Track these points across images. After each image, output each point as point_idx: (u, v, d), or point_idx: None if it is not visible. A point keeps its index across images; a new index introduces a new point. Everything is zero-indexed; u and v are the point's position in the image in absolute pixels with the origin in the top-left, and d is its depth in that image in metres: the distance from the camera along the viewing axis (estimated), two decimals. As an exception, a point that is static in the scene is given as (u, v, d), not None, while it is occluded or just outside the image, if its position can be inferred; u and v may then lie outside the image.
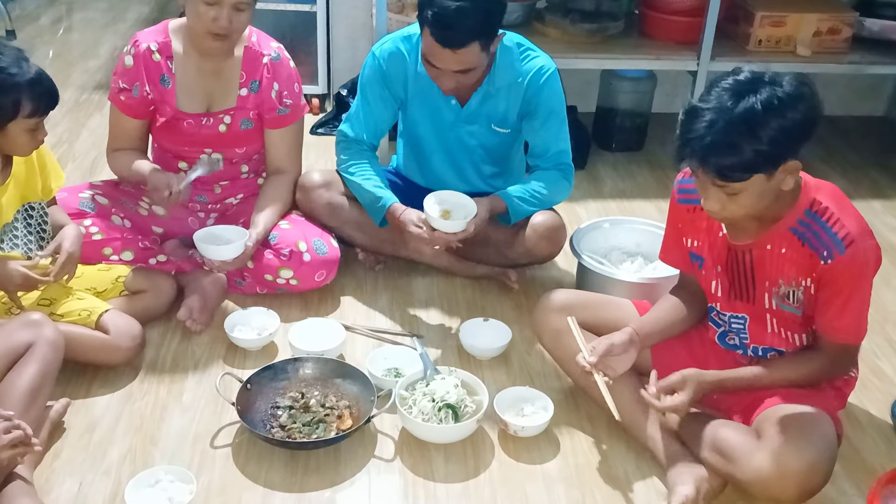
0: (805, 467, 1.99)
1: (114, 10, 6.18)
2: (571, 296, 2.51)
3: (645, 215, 3.42)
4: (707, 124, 1.89)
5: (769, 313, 2.20)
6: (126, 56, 2.80)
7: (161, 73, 2.79)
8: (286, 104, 2.89)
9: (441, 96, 2.83)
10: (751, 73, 1.93)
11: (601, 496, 2.22)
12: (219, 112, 2.85)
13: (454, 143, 2.95)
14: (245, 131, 2.89)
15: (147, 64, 2.78)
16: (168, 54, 2.80)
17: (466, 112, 2.87)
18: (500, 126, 2.90)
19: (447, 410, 2.32)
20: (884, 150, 4.46)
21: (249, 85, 2.85)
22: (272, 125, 2.91)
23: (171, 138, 2.88)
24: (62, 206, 2.68)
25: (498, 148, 2.97)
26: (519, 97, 2.83)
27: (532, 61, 2.82)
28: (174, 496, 2.08)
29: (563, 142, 2.90)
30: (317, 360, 2.51)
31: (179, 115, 2.83)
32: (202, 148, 2.88)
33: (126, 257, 2.79)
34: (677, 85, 4.49)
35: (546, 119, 2.84)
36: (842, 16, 4.07)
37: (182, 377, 2.57)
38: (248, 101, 2.86)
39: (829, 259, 2.01)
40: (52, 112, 2.40)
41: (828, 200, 2.05)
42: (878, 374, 2.72)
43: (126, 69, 2.80)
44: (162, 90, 2.80)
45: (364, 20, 4.35)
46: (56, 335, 2.24)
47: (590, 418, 2.47)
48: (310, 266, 2.84)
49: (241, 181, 3.02)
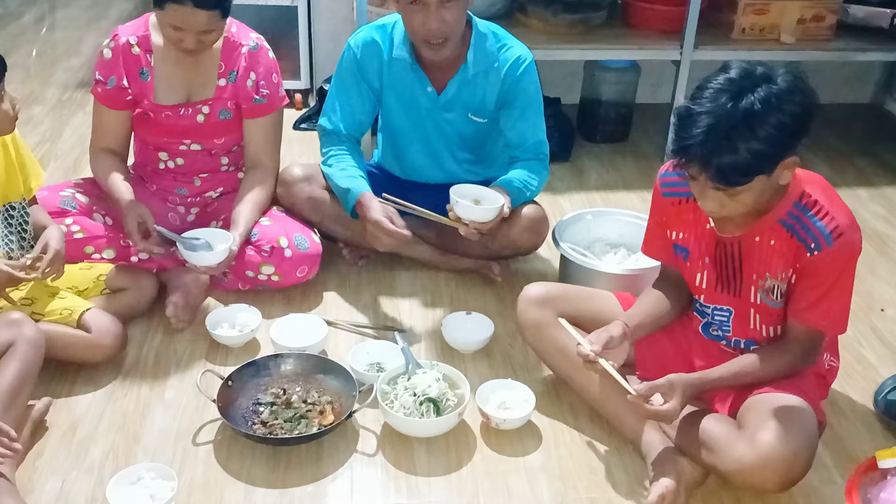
0: (786, 457, 1.99)
1: (96, 6, 6.16)
2: (553, 288, 2.50)
3: (630, 206, 3.42)
4: (706, 129, 1.85)
5: (753, 308, 2.20)
6: (105, 49, 2.81)
7: (140, 66, 2.80)
8: (263, 94, 2.88)
9: (418, 84, 2.83)
10: (742, 70, 1.89)
11: (583, 487, 2.23)
12: (197, 102, 2.85)
13: (431, 130, 2.95)
14: (223, 122, 2.89)
15: (126, 57, 2.79)
16: (147, 48, 2.80)
17: (444, 99, 2.87)
18: (476, 115, 2.89)
19: (429, 404, 2.32)
20: (870, 138, 4.47)
21: (228, 75, 2.85)
22: (249, 115, 2.90)
23: (150, 130, 2.89)
24: (43, 205, 2.67)
25: (474, 136, 2.97)
26: (496, 85, 2.83)
27: (509, 50, 2.82)
28: (156, 493, 2.07)
29: (540, 132, 2.91)
30: (298, 356, 2.51)
31: (157, 107, 2.83)
32: (181, 139, 2.89)
33: (108, 255, 2.78)
34: (661, 75, 4.49)
35: (524, 110, 2.85)
36: (826, 2, 4.06)
37: (164, 375, 2.56)
38: (226, 92, 2.86)
39: (815, 251, 2.01)
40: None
41: (817, 193, 2.04)
42: (861, 363, 2.73)
43: (105, 62, 2.81)
44: (141, 83, 2.81)
45: (345, 14, 4.34)
46: (36, 334, 2.24)
47: (572, 410, 2.47)
48: (291, 262, 2.84)
49: (222, 174, 3.02)
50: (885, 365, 2.72)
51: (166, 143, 2.91)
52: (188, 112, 2.85)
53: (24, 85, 4.64)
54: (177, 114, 2.84)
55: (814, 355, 2.21)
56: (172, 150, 2.92)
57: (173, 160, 2.96)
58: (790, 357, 2.16)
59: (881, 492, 1.99)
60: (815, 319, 2.11)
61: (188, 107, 2.85)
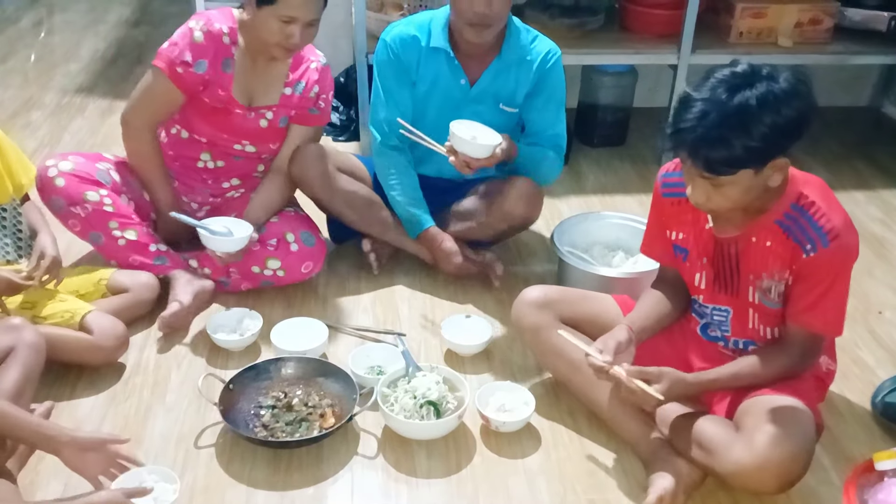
0: (783, 458, 2.00)
1: (94, 11, 6.18)
2: (551, 291, 2.50)
3: (627, 210, 3.43)
4: (699, 115, 1.89)
5: (751, 307, 2.21)
6: (196, 31, 2.72)
7: (226, 56, 2.77)
8: (320, 107, 2.94)
9: (451, 77, 2.91)
10: (749, 66, 1.92)
11: (582, 489, 2.24)
12: (261, 107, 2.86)
13: None
14: (282, 129, 2.94)
15: (217, 45, 2.75)
16: (235, 40, 2.78)
17: (476, 91, 2.93)
18: (507, 105, 2.96)
19: (429, 407, 2.33)
20: (867, 141, 4.48)
21: (294, 86, 2.88)
22: (298, 121, 2.93)
23: (214, 124, 2.85)
24: (79, 172, 2.72)
25: (503, 128, 2.96)
26: (529, 76, 2.92)
27: (542, 43, 2.94)
28: (159, 496, 2.07)
29: (560, 125, 2.99)
30: (299, 359, 2.52)
31: (233, 102, 2.82)
32: (241, 138, 2.89)
33: (129, 236, 2.78)
34: (659, 79, 4.49)
35: (548, 100, 2.94)
36: (823, 6, 4.07)
37: (166, 378, 2.57)
38: (292, 101, 2.89)
39: (811, 252, 2.02)
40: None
41: (815, 195, 2.05)
42: (859, 364, 2.74)
43: (196, 44, 2.72)
44: (222, 74, 2.77)
45: (343, 19, 4.35)
46: (37, 338, 2.25)
47: (571, 413, 2.49)
48: (297, 256, 2.86)
49: (252, 179, 3.04)
50: (882, 367, 2.73)
51: (226, 140, 2.89)
52: (252, 116, 2.86)
53: (23, 90, 4.66)
54: (245, 114, 2.84)
55: (812, 358, 2.22)
56: (220, 150, 2.92)
57: (214, 161, 2.95)
58: (788, 359, 2.17)
59: (878, 493, 2.00)
60: (812, 322, 2.12)
61: (253, 111, 2.85)
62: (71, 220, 2.76)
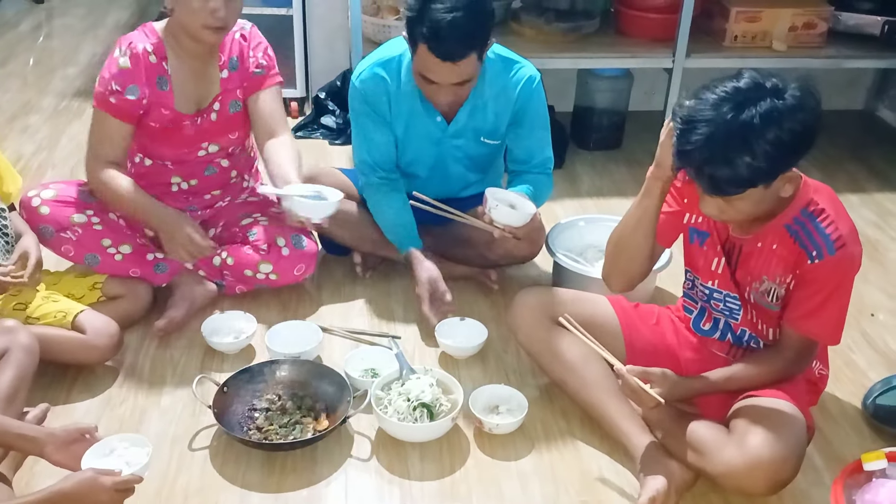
0: (774, 460, 2.01)
1: (93, 15, 6.19)
2: (546, 293, 2.52)
3: (622, 213, 3.40)
4: (704, 137, 1.85)
5: (749, 305, 2.23)
6: (121, 58, 2.65)
7: (158, 74, 2.69)
8: (262, 65, 2.83)
9: (426, 114, 2.83)
10: (752, 80, 1.87)
11: (575, 491, 2.25)
12: (209, 104, 2.80)
13: (441, 157, 2.95)
14: (235, 115, 2.84)
15: (146, 66, 2.66)
16: (162, 55, 2.69)
17: (453, 129, 2.86)
18: (489, 138, 2.90)
19: (422, 409, 2.34)
20: (862, 144, 4.49)
21: (228, 65, 2.80)
22: (251, 90, 2.83)
23: (170, 144, 2.80)
24: (60, 197, 2.72)
25: (485, 158, 2.99)
26: (509, 107, 2.84)
27: (520, 71, 2.81)
28: (131, 460, 2.02)
29: (547, 148, 2.94)
30: (293, 362, 2.53)
31: (179, 116, 2.75)
32: (199, 143, 2.83)
33: (124, 250, 2.77)
34: (654, 83, 4.51)
35: (532, 128, 2.87)
36: (817, 10, 4.10)
37: (160, 381, 2.58)
38: (231, 81, 2.81)
39: (817, 259, 2.02)
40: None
41: (824, 202, 2.05)
42: (851, 367, 2.76)
43: (122, 70, 2.64)
44: (159, 93, 2.70)
45: (341, 22, 4.36)
46: (30, 340, 2.26)
47: (564, 415, 2.50)
48: (289, 260, 2.86)
49: (231, 185, 3.03)
50: (874, 369, 2.74)
51: (187, 154, 2.83)
52: (205, 117, 2.80)
53: (21, 94, 4.67)
54: (195, 122, 2.78)
55: (806, 362, 2.23)
56: (187, 168, 2.86)
57: (187, 181, 2.91)
58: (783, 363, 2.18)
59: (865, 493, 2.01)
60: (810, 328, 2.12)
61: (203, 113, 2.79)
62: (64, 247, 2.73)
